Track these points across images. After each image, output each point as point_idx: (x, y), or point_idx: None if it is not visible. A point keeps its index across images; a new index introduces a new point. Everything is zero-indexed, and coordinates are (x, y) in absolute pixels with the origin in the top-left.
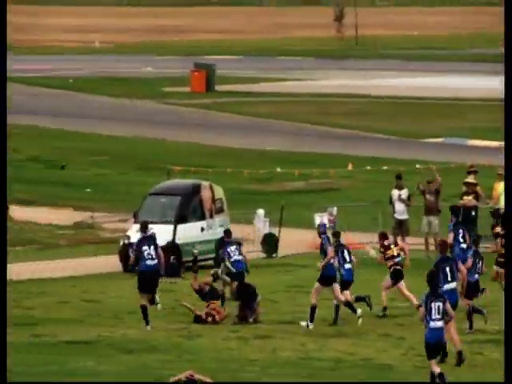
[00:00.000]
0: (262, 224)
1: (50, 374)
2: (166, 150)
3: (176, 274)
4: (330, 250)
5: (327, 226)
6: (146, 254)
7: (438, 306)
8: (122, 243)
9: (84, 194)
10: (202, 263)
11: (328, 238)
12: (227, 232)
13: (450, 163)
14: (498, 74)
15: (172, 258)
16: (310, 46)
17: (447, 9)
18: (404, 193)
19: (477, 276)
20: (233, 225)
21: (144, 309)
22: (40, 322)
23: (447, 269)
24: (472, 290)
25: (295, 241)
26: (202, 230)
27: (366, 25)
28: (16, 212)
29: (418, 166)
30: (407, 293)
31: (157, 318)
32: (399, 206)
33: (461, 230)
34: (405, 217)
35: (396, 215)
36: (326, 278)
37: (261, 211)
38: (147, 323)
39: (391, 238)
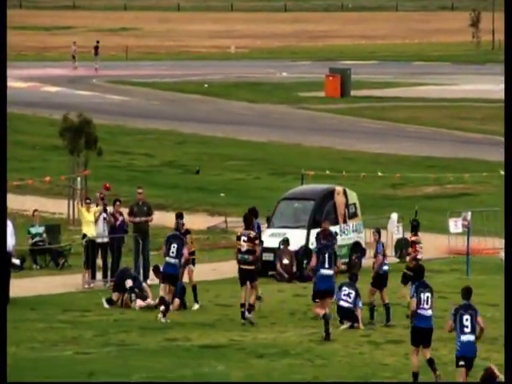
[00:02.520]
0: (395, 229)
1: (183, 377)
2: (300, 155)
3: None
4: None
5: (461, 230)
6: None
7: (427, 296)
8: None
9: (218, 199)
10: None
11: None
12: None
13: None
14: None
15: (305, 262)
16: (447, 51)
17: None
18: None
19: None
20: (366, 230)
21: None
22: (173, 326)
23: None
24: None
25: (429, 245)
26: (336, 234)
27: (503, 30)
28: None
29: None
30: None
31: (290, 323)
32: None
33: None
34: None
35: None
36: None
37: (394, 216)
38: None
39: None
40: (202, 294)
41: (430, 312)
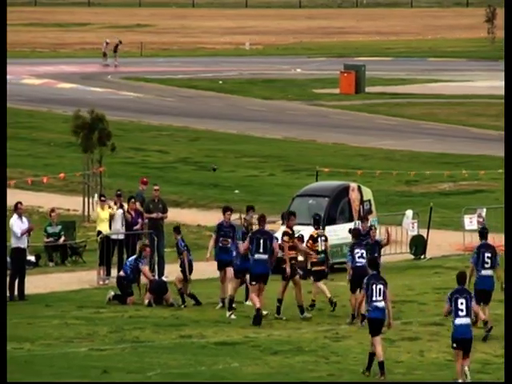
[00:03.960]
0: (410, 225)
1: (198, 374)
2: (314, 152)
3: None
4: None
5: (476, 227)
6: None
7: (380, 289)
8: None
9: (233, 196)
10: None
11: None
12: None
13: None
14: None
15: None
16: (461, 48)
17: None
18: None
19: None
20: (381, 226)
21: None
22: (188, 322)
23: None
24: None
25: (444, 242)
26: (350, 231)
27: None
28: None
29: None
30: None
31: (305, 320)
32: None
33: None
34: None
35: None
36: None
37: (409, 212)
38: None
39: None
40: (215, 290)
41: (383, 303)
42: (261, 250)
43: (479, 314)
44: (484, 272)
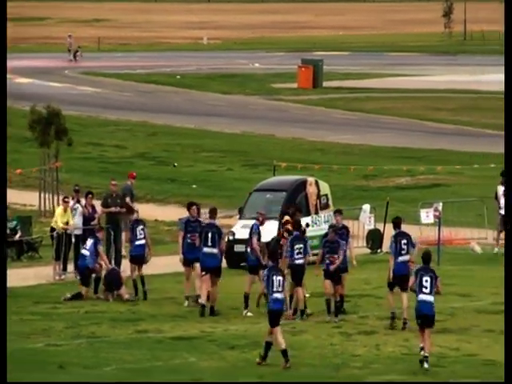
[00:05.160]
0: (367, 220)
1: (155, 369)
2: (272, 146)
3: None
4: None
5: (432, 221)
6: None
7: (279, 280)
8: (227, 239)
9: (191, 191)
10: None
11: None
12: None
13: None
14: None
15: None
16: (419, 42)
17: None
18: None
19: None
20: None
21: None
22: (145, 317)
23: None
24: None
25: None
26: (308, 225)
27: (475, 20)
28: None
29: None
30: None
31: (262, 314)
32: (505, 202)
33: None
34: None
35: (501, 211)
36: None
37: (366, 206)
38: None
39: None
40: (173, 285)
41: (282, 295)
42: (209, 244)
43: (390, 302)
44: (401, 258)
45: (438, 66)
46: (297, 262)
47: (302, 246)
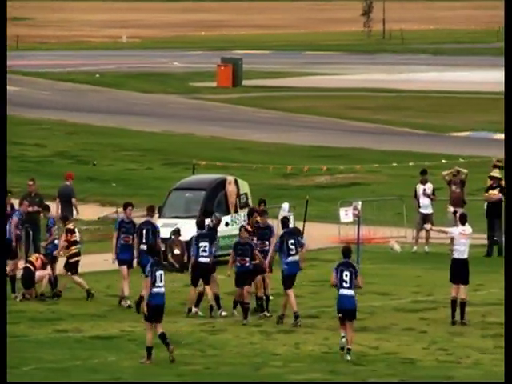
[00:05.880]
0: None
1: (74, 368)
2: (192, 145)
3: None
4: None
5: (351, 219)
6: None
7: (161, 274)
8: None
9: (111, 190)
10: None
11: None
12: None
13: (474, 157)
14: None
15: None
16: (338, 41)
17: (476, 3)
18: (429, 187)
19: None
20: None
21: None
22: (64, 317)
23: None
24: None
25: (320, 235)
26: (227, 224)
27: (394, 19)
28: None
29: (443, 160)
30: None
31: (181, 313)
32: (424, 201)
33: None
34: (429, 211)
35: (421, 209)
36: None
37: (286, 205)
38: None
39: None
40: (92, 284)
41: (163, 289)
42: (143, 241)
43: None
44: (290, 258)
45: (357, 65)
46: (201, 260)
47: (206, 244)
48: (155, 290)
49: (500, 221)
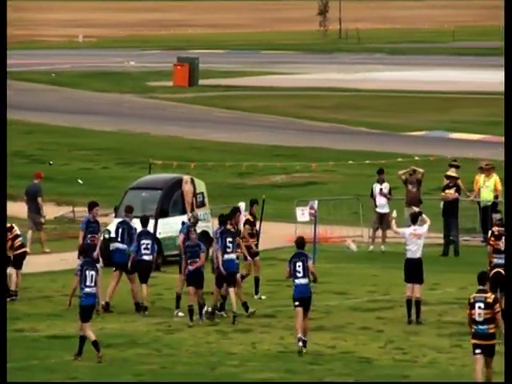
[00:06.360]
0: (242, 218)
1: (30, 368)
2: (148, 144)
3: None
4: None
5: (308, 219)
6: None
7: (92, 275)
8: (102, 237)
9: (67, 189)
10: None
11: None
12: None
13: (430, 156)
14: (479, 68)
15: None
16: (294, 40)
17: (431, 2)
18: (385, 187)
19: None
20: (214, 218)
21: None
22: (21, 316)
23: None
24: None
25: (276, 234)
26: (183, 224)
27: (350, 18)
28: None
29: (399, 159)
30: None
31: (138, 313)
32: (380, 200)
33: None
34: (386, 210)
35: (377, 209)
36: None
37: (242, 204)
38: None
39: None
40: (48, 284)
41: (94, 289)
42: (119, 239)
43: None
44: (227, 256)
45: (313, 65)
46: (143, 257)
47: (149, 241)
48: (87, 290)
49: (456, 220)
